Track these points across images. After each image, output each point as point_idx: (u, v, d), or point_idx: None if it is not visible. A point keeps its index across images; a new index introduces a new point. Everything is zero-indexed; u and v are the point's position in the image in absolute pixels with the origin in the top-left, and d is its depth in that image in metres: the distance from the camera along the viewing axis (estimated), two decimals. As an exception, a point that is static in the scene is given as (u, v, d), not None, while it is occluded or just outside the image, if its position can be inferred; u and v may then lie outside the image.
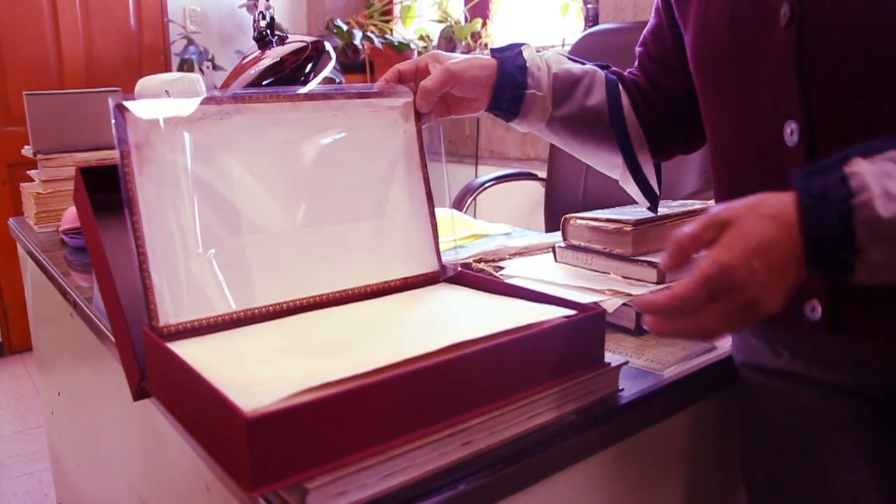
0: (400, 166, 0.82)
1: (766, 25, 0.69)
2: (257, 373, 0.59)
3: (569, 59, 0.92)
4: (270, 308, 0.72)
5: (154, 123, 0.68)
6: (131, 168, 0.66)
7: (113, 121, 0.66)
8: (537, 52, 0.90)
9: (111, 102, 0.67)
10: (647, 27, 0.94)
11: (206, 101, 0.72)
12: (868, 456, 0.70)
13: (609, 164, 0.95)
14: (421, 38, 3.37)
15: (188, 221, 0.69)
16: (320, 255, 0.76)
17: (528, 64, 0.88)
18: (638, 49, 0.95)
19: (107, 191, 0.71)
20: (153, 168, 0.67)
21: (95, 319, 0.94)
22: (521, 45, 0.90)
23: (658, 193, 0.94)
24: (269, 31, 1.28)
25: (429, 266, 0.84)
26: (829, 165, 0.53)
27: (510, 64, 0.87)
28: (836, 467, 0.70)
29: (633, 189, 0.94)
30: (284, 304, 0.73)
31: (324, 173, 0.78)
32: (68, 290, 1.09)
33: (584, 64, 0.92)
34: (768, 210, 0.52)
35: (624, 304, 0.85)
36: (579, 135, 0.92)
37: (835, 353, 0.71)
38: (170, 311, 0.66)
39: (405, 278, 0.82)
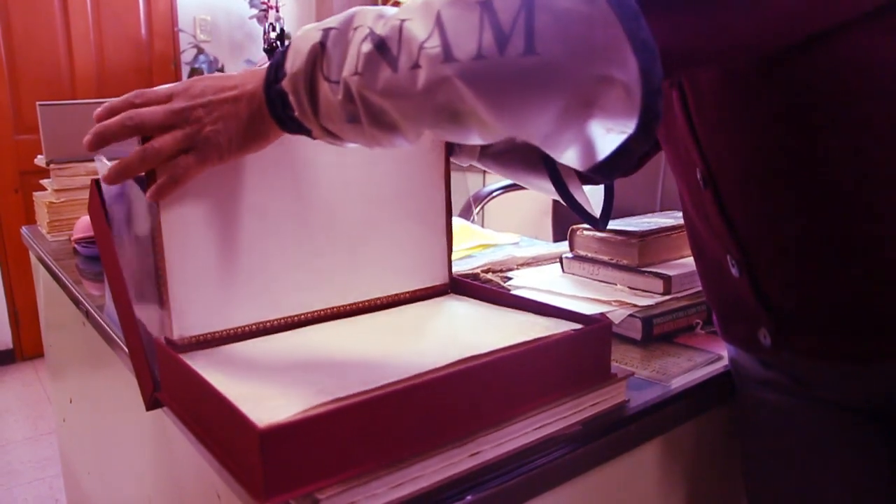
0: (421, 178, 0.83)
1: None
2: (270, 387, 0.60)
3: None
4: (282, 320, 0.73)
5: None
6: (154, 180, 0.67)
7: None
8: None
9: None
10: None
11: None
12: (851, 467, 0.70)
13: (545, 191, 0.95)
14: (429, 46, 3.37)
15: (206, 234, 0.69)
16: (334, 268, 0.77)
17: None
18: None
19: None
20: None
21: (107, 328, 0.95)
22: None
23: (596, 216, 0.94)
24: (279, 43, 1.29)
25: (439, 278, 0.85)
26: None
27: None
28: (821, 478, 0.71)
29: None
30: (296, 317, 0.74)
31: (344, 186, 0.78)
32: (80, 298, 1.10)
33: None
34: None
35: (630, 316, 0.86)
36: (510, 167, 0.91)
37: (808, 371, 0.72)
38: (184, 324, 0.67)
39: (414, 291, 0.83)
